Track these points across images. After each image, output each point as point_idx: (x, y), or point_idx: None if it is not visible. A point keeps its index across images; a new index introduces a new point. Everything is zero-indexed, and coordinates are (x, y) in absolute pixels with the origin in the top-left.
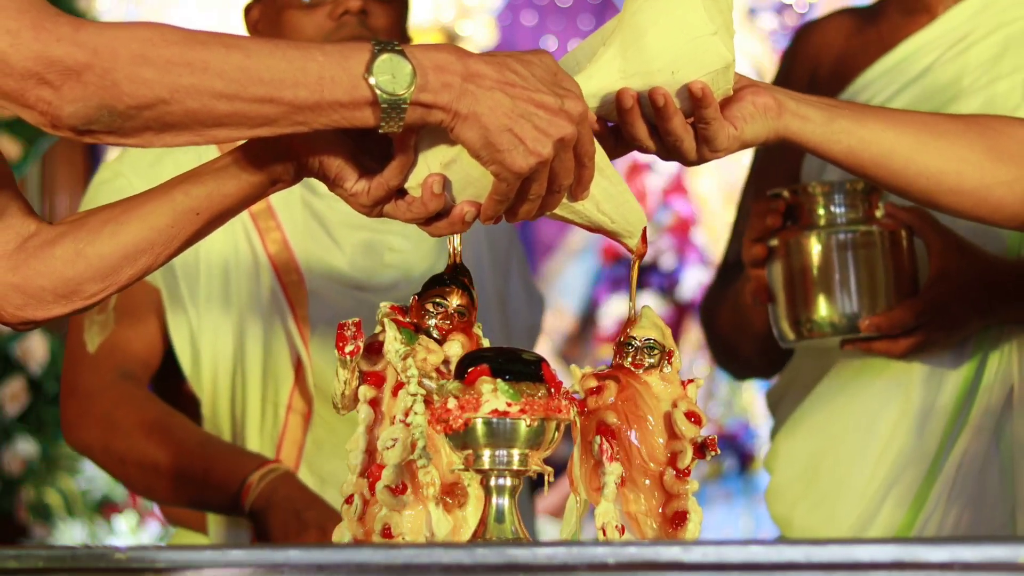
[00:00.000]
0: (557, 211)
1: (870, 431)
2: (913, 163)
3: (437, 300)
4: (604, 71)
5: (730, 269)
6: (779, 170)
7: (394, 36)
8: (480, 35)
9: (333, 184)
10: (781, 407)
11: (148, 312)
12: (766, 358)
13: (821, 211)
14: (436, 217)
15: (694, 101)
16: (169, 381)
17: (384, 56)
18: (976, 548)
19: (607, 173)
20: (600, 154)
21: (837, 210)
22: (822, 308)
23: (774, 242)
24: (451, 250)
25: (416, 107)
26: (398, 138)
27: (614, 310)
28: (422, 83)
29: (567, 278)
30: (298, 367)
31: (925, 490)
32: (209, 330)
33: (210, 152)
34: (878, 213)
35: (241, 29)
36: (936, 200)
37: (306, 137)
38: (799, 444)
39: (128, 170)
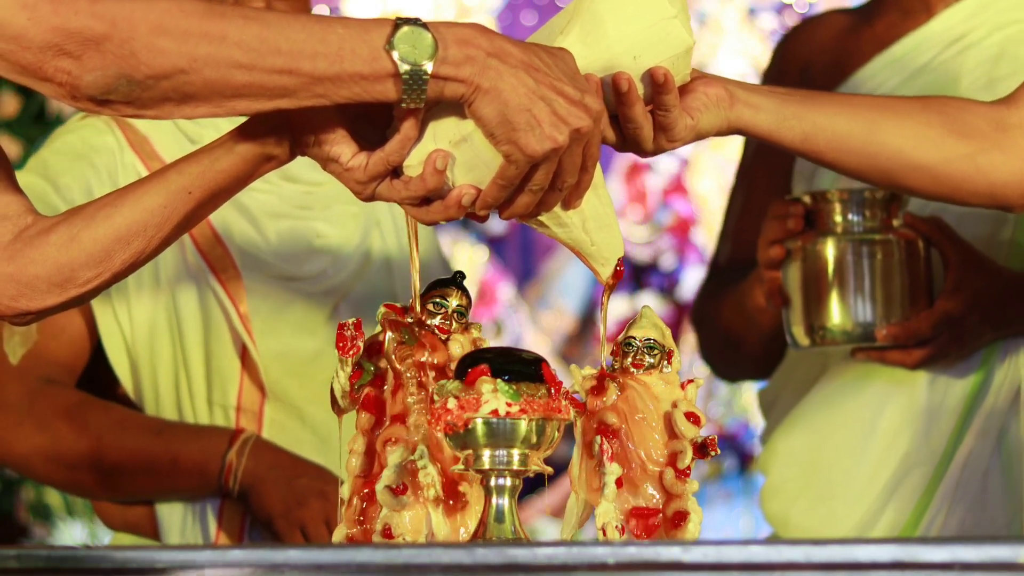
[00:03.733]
0: (544, 219)
1: (871, 432)
2: (870, 143)
3: (437, 300)
4: None
5: (723, 270)
6: (768, 170)
7: None
8: None
9: (328, 159)
10: (776, 408)
11: (73, 319)
12: (767, 359)
13: (839, 218)
14: (429, 201)
15: (655, 87)
16: (105, 394)
17: (406, 28)
18: (976, 548)
19: (600, 192)
20: (597, 171)
21: (855, 217)
22: (837, 315)
23: (793, 245)
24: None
25: (437, 80)
26: (401, 113)
27: (614, 310)
28: (443, 55)
29: (567, 278)
30: (244, 365)
31: (929, 492)
32: (144, 336)
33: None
34: (896, 222)
35: None
36: (897, 178)
37: (303, 111)
38: (797, 443)
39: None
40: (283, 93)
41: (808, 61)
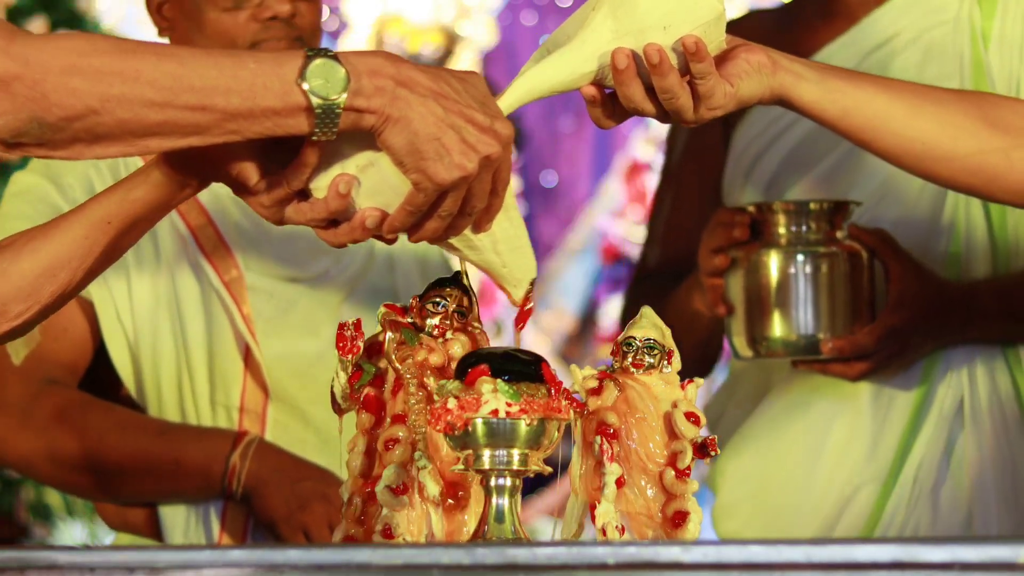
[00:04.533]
0: (454, 242)
1: (819, 451)
2: (908, 127)
3: (437, 300)
4: (596, 34)
5: (652, 274)
6: (699, 172)
7: (318, 33)
8: (480, 35)
9: (237, 186)
10: (722, 423)
11: (75, 319)
12: (703, 362)
13: (783, 229)
14: (336, 223)
15: (688, 55)
16: (108, 395)
17: (317, 61)
18: (976, 548)
19: (511, 215)
20: (509, 194)
21: (801, 229)
22: (780, 327)
23: (737, 255)
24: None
25: (350, 112)
26: (307, 141)
27: (614, 310)
28: (356, 87)
29: (567, 278)
30: (247, 365)
31: (878, 510)
32: (147, 336)
33: None
34: (840, 234)
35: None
36: (930, 168)
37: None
38: (746, 464)
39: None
40: (196, 130)
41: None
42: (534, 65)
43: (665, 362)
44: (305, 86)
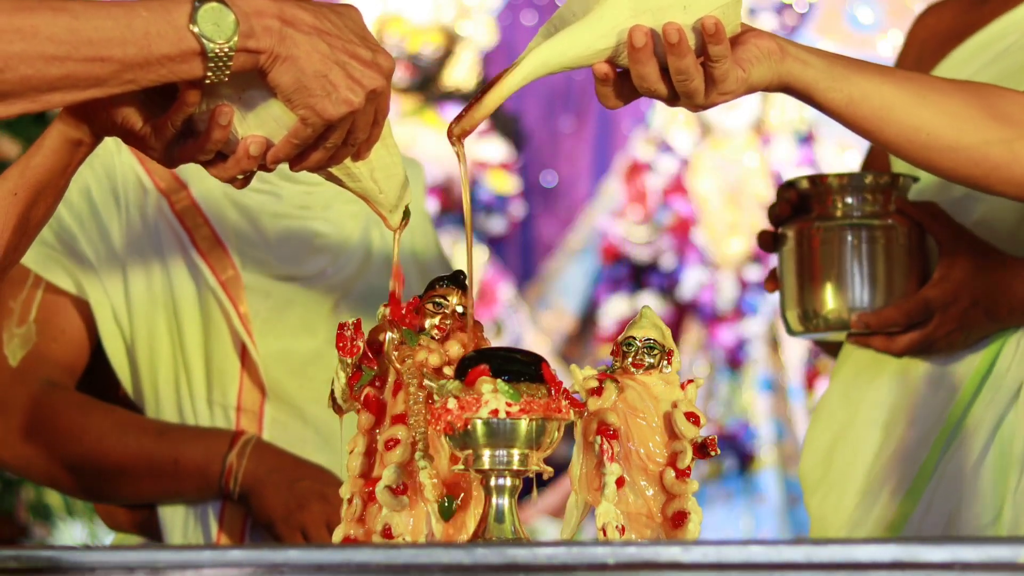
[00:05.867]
0: (334, 171)
1: (873, 423)
2: (912, 117)
3: (437, 300)
4: (614, 10)
5: None
6: None
7: None
8: (480, 35)
9: (125, 134)
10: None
11: (72, 320)
12: None
13: (838, 202)
14: (225, 159)
15: (706, 36)
16: (105, 395)
17: (206, 6)
18: (976, 548)
19: (388, 143)
20: (386, 123)
21: (854, 202)
22: (831, 302)
23: (788, 231)
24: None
25: (241, 53)
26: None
27: (614, 310)
28: (246, 29)
29: (567, 278)
30: (244, 365)
31: (919, 485)
32: (144, 337)
33: None
34: (892, 208)
35: None
36: (932, 159)
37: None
38: (820, 430)
39: None
40: (95, 83)
41: (926, 37)
42: (542, 41)
43: (665, 362)
44: (196, 31)
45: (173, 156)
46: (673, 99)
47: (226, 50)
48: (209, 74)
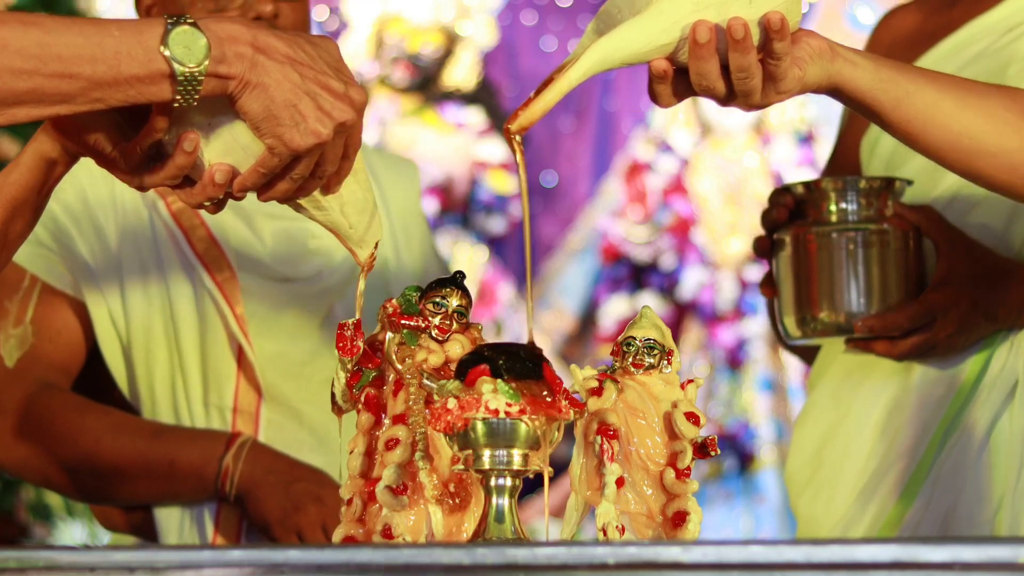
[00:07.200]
0: (303, 202)
1: (866, 423)
2: (957, 120)
3: (437, 300)
4: (675, 4)
5: None
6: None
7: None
8: (480, 35)
9: (96, 155)
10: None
11: (69, 322)
12: None
13: (832, 207)
14: (191, 183)
15: (771, 33)
16: (101, 396)
17: (178, 29)
18: (976, 548)
19: (360, 178)
20: (359, 157)
21: (849, 207)
22: (828, 307)
23: (784, 236)
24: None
25: (211, 78)
26: (157, 105)
27: (614, 310)
28: (218, 55)
29: (567, 278)
30: (240, 366)
31: (916, 484)
32: (140, 338)
33: None
34: (888, 212)
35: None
36: (974, 164)
37: (72, 116)
38: (807, 432)
39: None
40: (62, 99)
41: (894, 40)
42: (594, 38)
43: (665, 362)
44: (167, 53)
45: (143, 180)
46: (729, 98)
47: (196, 74)
48: (178, 97)
